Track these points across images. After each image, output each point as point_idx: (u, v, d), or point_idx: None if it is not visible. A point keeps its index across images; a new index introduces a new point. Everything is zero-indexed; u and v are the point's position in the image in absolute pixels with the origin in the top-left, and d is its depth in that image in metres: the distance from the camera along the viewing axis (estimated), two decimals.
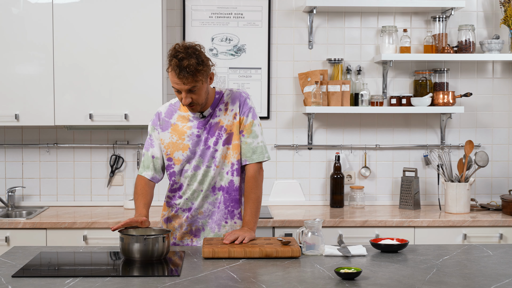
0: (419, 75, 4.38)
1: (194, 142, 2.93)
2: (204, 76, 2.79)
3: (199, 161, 2.93)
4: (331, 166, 4.42)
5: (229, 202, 2.96)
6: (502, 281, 2.32)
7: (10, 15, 3.95)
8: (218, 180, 2.95)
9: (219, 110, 2.94)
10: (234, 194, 2.96)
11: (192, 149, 2.93)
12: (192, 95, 2.81)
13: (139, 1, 3.96)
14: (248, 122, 2.95)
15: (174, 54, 2.77)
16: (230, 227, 2.98)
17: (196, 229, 2.99)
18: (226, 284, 2.28)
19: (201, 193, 2.95)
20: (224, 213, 2.97)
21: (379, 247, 2.79)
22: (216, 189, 2.95)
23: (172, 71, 2.77)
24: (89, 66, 3.98)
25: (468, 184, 4.08)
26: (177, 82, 2.78)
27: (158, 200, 4.39)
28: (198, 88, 2.79)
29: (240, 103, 2.95)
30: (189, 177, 2.95)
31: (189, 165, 2.95)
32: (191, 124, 2.95)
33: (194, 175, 2.94)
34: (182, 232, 3.00)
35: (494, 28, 4.46)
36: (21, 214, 4.15)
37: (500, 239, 3.88)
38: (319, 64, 4.41)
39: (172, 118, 2.98)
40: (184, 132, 2.94)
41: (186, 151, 2.93)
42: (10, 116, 3.98)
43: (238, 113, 2.94)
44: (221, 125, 2.93)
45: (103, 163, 4.38)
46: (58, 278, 2.35)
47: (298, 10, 4.39)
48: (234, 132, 2.93)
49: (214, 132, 2.92)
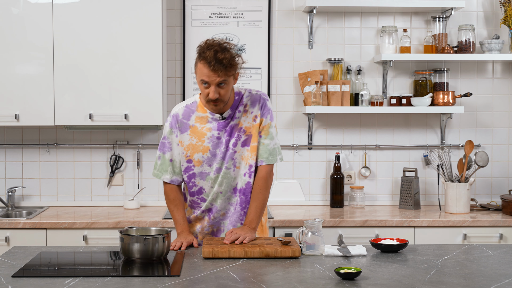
0: (419, 75, 4.38)
1: (214, 144, 2.90)
2: (234, 72, 2.80)
3: (220, 163, 2.91)
4: (331, 166, 4.42)
5: (245, 204, 2.96)
6: (502, 281, 2.32)
7: (10, 15, 3.95)
8: (238, 181, 2.94)
9: (238, 112, 2.92)
10: (249, 195, 2.96)
11: (213, 151, 2.90)
12: (220, 90, 2.78)
13: (139, 1, 3.96)
14: (267, 123, 2.94)
15: (208, 47, 2.76)
16: None
17: (217, 229, 3.00)
18: (226, 284, 2.28)
19: (220, 195, 2.94)
20: (239, 215, 2.97)
21: (379, 247, 2.79)
22: (237, 191, 2.95)
23: (205, 64, 2.74)
24: (89, 66, 3.98)
25: (468, 184, 4.08)
26: (209, 74, 2.74)
27: (158, 200, 4.40)
28: (227, 83, 2.78)
29: (260, 105, 2.94)
30: (211, 179, 2.93)
31: (210, 168, 2.92)
32: (211, 125, 2.91)
33: (216, 177, 2.92)
34: (204, 233, 3.01)
35: (494, 28, 4.46)
36: (21, 214, 4.15)
37: (500, 239, 3.88)
38: (319, 64, 4.41)
39: (190, 120, 2.94)
40: (204, 134, 2.91)
41: (207, 153, 2.91)
42: (10, 116, 3.98)
43: (258, 115, 2.92)
44: (240, 126, 2.91)
45: (103, 163, 4.38)
46: (58, 278, 2.35)
47: (298, 10, 4.39)
48: (253, 134, 2.92)
49: (233, 134, 2.91)
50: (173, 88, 4.37)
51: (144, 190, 4.37)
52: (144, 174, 4.37)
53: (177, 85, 4.38)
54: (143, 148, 4.37)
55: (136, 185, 4.38)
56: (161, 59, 4.00)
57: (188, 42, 4.34)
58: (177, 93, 4.37)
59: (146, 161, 4.37)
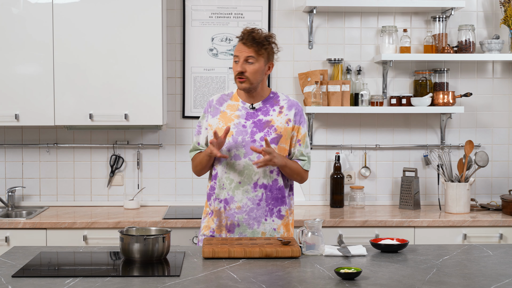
0: (419, 75, 4.38)
1: (238, 131, 2.98)
2: (265, 54, 2.96)
3: (240, 152, 2.97)
4: (331, 166, 4.42)
5: (271, 200, 3.00)
6: (502, 281, 2.32)
7: (11, 15, 3.95)
8: (261, 177, 2.97)
9: (273, 110, 3.02)
10: (276, 192, 3.01)
11: (235, 137, 2.97)
12: (247, 66, 2.93)
13: (139, 1, 3.96)
14: (304, 133, 3.06)
15: (246, 29, 2.98)
16: (269, 224, 3.01)
17: (231, 224, 3.00)
18: (226, 284, 2.28)
19: (239, 186, 2.98)
20: (265, 210, 3.00)
21: (379, 247, 2.79)
22: (258, 186, 2.98)
23: (239, 40, 2.95)
24: (89, 66, 3.98)
25: (468, 184, 4.08)
26: (240, 48, 2.94)
27: (158, 200, 4.40)
28: (256, 61, 2.93)
29: (296, 112, 3.04)
30: (226, 164, 2.99)
31: (229, 153, 2.98)
32: (239, 113, 3.02)
33: (232, 164, 2.97)
34: (220, 224, 3.02)
35: (494, 28, 4.46)
36: (21, 214, 4.15)
37: (500, 239, 3.89)
38: (319, 64, 4.41)
39: (222, 106, 3.06)
40: (231, 120, 3.01)
41: (229, 138, 2.97)
42: (10, 116, 3.98)
43: (292, 119, 3.02)
44: (272, 124, 2.99)
45: (103, 163, 4.38)
46: (58, 278, 2.35)
47: (298, 10, 4.39)
48: (284, 135, 3.00)
49: (263, 128, 2.98)
50: (173, 88, 4.36)
51: (144, 190, 4.37)
52: (144, 174, 4.38)
53: (177, 85, 4.37)
54: (143, 148, 4.37)
55: (136, 185, 4.38)
56: (161, 59, 4.00)
57: (188, 42, 4.34)
58: (177, 93, 4.37)
59: (146, 161, 4.37)
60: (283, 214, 3.04)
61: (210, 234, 3.03)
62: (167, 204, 4.36)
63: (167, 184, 4.36)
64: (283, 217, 3.04)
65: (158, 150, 4.36)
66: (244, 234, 2.99)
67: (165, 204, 4.37)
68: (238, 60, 2.94)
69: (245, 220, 2.99)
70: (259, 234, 3.00)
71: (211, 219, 3.05)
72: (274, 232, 3.02)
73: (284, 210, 3.04)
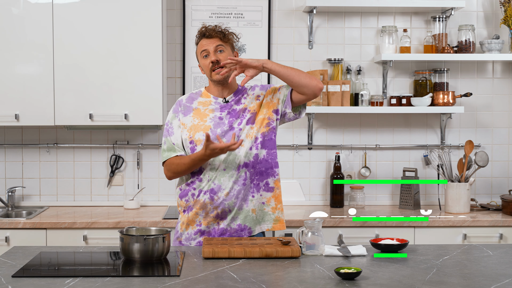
0: (419, 75, 4.38)
1: (216, 123, 2.98)
2: (230, 42, 3.03)
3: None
4: (331, 166, 4.42)
5: (254, 175, 2.98)
6: (502, 281, 2.32)
7: (10, 15, 3.95)
8: (242, 158, 2.96)
9: (244, 98, 3.05)
10: (259, 166, 2.99)
11: (214, 130, 2.97)
12: (219, 55, 2.98)
13: (139, 1, 3.97)
14: (276, 86, 3.12)
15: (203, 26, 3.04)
16: (257, 200, 2.98)
17: (223, 211, 2.97)
18: (226, 284, 2.28)
19: (224, 173, 2.95)
20: (250, 188, 2.98)
21: (379, 247, 2.79)
22: (241, 167, 2.96)
23: (201, 37, 3.01)
24: (89, 66, 3.98)
25: (468, 184, 4.08)
26: (206, 42, 2.99)
27: (158, 200, 4.40)
28: (224, 49, 2.99)
29: (261, 86, 3.12)
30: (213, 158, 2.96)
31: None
32: (213, 107, 3.03)
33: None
34: (209, 217, 2.97)
35: (494, 28, 4.46)
36: (21, 214, 4.15)
37: (500, 239, 3.89)
38: (319, 64, 4.41)
39: (193, 104, 3.07)
40: (207, 114, 3.02)
41: (208, 132, 2.95)
42: (10, 116, 3.98)
43: (261, 94, 3.06)
44: (244, 107, 3.03)
45: (103, 163, 4.38)
46: (58, 278, 2.35)
47: (298, 10, 4.40)
48: (257, 111, 3.03)
49: (238, 115, 3.01)
50: (173, 88, 4.37)
51: (144, 190, 4.37)
52: (144, 174, 4.38)
53: (177, 85, 4.38)
54: (143, 148, 4.37)
55: (136, 185, 4.38)
56: (161, 59, 4.00)
57: (188, 42, 4.34)
58: (177, 93, 4.37)
59: (146, 161, 4.37)
60: (272, 186, 3.01)
61: (197, 228, 3.00)
62: (167, 204, 4.36)
63: (167, 184, 4.36)
64: (272, 189, 3.01)
65: (158, 150, 4.36)
66: (237, 216, 2.96)
67: (165, 204, 4.37)
68: (208, 53, 2.98)
69: (236, 204, 2.96)
70: (249, 212, 2.96)
71: (192, 214, 2.99)
72: (264, 206, 2.99)
73: (272, 182, 3.01)
